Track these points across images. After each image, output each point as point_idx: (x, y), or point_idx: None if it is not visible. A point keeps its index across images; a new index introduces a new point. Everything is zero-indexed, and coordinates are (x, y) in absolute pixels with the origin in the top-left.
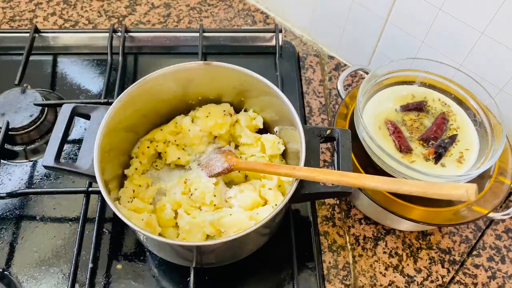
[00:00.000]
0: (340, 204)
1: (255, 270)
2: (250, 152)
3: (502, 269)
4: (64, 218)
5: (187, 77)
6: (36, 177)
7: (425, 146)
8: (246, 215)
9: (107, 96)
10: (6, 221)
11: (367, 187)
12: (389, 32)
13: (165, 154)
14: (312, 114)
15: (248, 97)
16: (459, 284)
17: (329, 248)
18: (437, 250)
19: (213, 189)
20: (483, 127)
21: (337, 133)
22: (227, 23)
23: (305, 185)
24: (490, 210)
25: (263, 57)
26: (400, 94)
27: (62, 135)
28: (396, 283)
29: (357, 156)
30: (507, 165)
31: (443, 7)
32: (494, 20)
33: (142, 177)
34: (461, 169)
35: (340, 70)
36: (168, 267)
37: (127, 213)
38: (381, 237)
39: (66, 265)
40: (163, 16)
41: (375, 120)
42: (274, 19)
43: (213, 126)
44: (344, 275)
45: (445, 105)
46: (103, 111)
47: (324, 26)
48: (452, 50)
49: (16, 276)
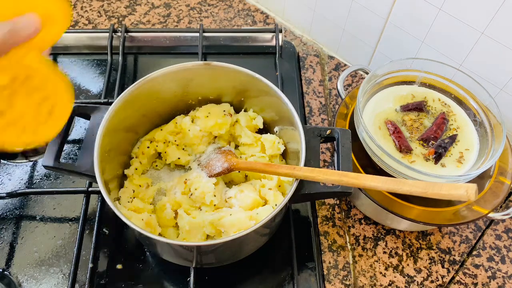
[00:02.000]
0: (340, 204)
1: (255, 270)
2: (250, 152)
3: (502, 269)
4: (64, 218)
5: (187, 77)
6: (36, 177)
7: (425, 146)
8: (246, 215)
9: (107, 96)
10: (6, 221)
11: (367, 187)
12: (389, 32)
13: (165, 154)
14: (312, 114)
15: (248, 97)
16: (459, 284)
17: (329, 248)
18: (437, 250)
19: (213, 189)
20: (483, 127)
21: (337, 133)
22: (227, 23)
23: (305, 185)
24: (490, 210)
25: (263, 57)
26: (400, 94)
27: (62, 135)
28: (396, 283)
29: (357, 156)
30: (507, 165)
31: (443, 7)
32: (494, 20)
33: (142, 177)
34: (461, 169)
35: (340, 70)
36: (168, 267)
37: (127, 213)
38: (381, 237)
39: (66, 265)
40: (163, 16)
41: (375, 120)
42: (274, 19)
43: (213, 126)
44: (344, 275)
45: (445, 105)
46: (103, 111)
47: (324, 26)
48: (452, 50)
49: (16, 276)
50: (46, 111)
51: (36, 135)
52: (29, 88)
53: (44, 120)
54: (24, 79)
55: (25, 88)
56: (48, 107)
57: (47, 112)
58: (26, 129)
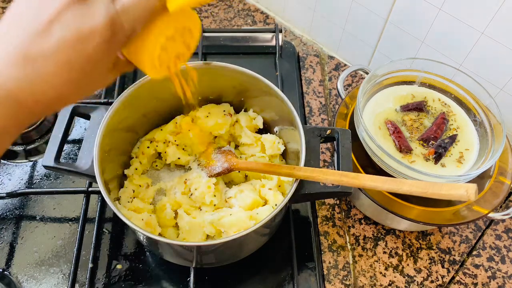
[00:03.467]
0: (340, 204)
1: (255, 270)
2: (250, 152)
3: (502, 269)
4: (64, 218)
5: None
6: (36, 177)
7: (425, 146)
8: (246, 215)
9: (107, 96)
10: (6, 221)
11: (367, 187)
12: (389, 32)
13: (165, 154)
14: (312, 114)
15: (248, 97)
16: (459, 284)
17: (329, 248)
18: (437, 250)
19: (213, 189)
20: (483, 127)
21: (337, 133)
22: (227, 23)
23: (305, 185)
24: (490, 210)
25: (263, 57)
26: (400, 94)
27: (62, 135)
28: (396, 283)
29: (357, 156)
30: (507, 165)
31: (443, 7)
32: (494, 20)
33: (142, 177)
34: (461, 169)
35: (340, 70)
36: (168, 267)
37: (127, 213)
38: (381, 237)
39: (66, 265)
40: None
41: (375, 120)
42: (274, 19)
43: (213, 126)
44: (344, 275)
45: (445, 105)
46: (103, 111)
47: (324, 26)
48: (452, 50)
49: (16, 276)
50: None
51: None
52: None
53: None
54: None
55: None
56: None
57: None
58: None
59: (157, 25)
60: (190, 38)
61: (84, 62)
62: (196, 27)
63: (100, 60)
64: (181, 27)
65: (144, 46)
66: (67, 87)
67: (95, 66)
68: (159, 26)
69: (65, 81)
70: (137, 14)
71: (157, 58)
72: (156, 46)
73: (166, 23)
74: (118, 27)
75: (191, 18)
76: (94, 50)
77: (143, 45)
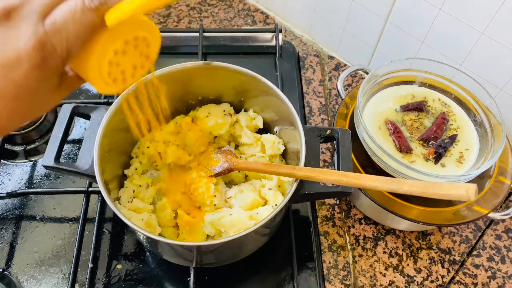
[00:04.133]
0: (340, 204)
1: (255, 270)
2: (250, 152)
3: (502, 269)
4: (64, 218)
5: (187, 77)
6: (36, 177)
7: (425, 146)
8: (246, 215)
9: (107, 96)
10: (6, 221)
11: (367, 187)
12: (389, 32)
13: (165, 154)
14: (312, 114)
15: (248, 97)
16: (459, 284)
17: (329, 248)
18: (437, 250)
19: (213, 189)
20: (483, 127)
21: (337, 133)
22: (227, 23)
23: (305, 185)
24: (490, 210)
25: (263, 57)
26: (400, 94)
27: (62, 135)
28: (396, 283)
29: (357, 156)
30: (507, 165)
31: (443, 7)
32: (494, 20)
33: (142, 177)
34: (461, 169)
35: (340, 70)
36: (168, 267)
37: (127, 213)
38: (381, 237)
39: (66, 265)
40: (163, 16)
41: (375, 120)
42: (274, 19)
43: (213, 126)
44: (344, 275)
45: (445, 105)
46: (103, 111)
47: (324, 26)
48: (452, 50)
49: (16, 276)
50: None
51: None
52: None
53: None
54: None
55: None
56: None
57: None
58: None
59: (100, 40)
60: (146, 47)
61: (15, 90)
62: (152, 34)
63: (36, 87)
64: (132, 38)
65: (89, 64)
66: (2, 116)
67: (31, 93)
68: (102, 42)
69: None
70: (71, 33)
71: (107, 75)
72: (103, 62)
73: (111, 37)
74: (49, 50)
75: (142, 27)
76: (24, 77)
77: (87, 63)
